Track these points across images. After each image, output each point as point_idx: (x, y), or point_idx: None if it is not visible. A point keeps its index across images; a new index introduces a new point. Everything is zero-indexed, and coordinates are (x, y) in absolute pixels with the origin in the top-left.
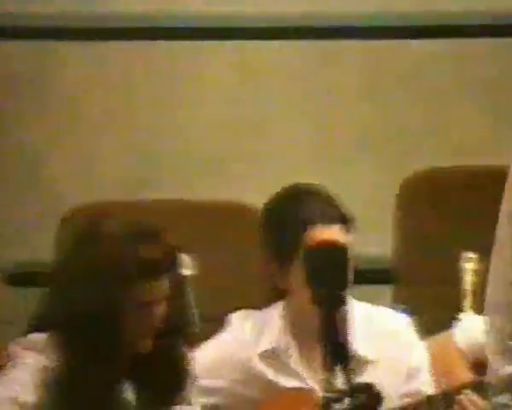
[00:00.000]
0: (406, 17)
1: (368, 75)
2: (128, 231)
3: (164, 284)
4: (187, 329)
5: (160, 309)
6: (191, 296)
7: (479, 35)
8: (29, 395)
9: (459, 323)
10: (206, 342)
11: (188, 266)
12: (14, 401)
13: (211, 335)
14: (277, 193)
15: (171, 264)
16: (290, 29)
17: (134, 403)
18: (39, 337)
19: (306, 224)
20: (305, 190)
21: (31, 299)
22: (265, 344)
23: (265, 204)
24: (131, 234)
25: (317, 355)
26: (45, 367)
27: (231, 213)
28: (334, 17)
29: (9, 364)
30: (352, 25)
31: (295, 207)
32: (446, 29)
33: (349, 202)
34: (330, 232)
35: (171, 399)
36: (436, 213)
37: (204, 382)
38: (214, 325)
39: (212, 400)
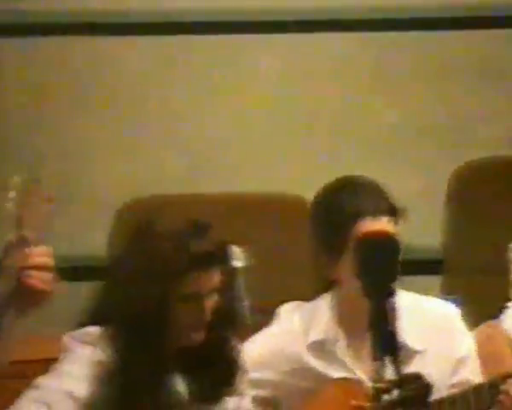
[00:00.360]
0: (471, 8)
1: (422, 64)
2: (179, 227)
3: (215, 277)
4: (238, 321)
5: (211, 302)
6: (242, 289)
7: None
8: (82, 389)
9: (507, 311)
10: (255, 335)
11: (238, 259)
12: (69, 394)
13: (261, 327)
14: (327, 185)
15: (222, 257)
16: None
17: (185, 396)
18: (93, 331)
19: (356, 216)
20: (355, 182)
21: (84, 293)
22: (314, 336)
23: (316, 196)
24: (182, 229)
25: (366, 346)
26: (99, 361)
27: (281, 205)
28: (388, 8)
29: (63, 357)
30: (405, 16)
31: (345, 199)
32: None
33: (399, 192)
34: (380, 224)
35: (223, 391)
36: (486, 204)
37: (254, 374)
38: (265, 317)
39: (261, 392)
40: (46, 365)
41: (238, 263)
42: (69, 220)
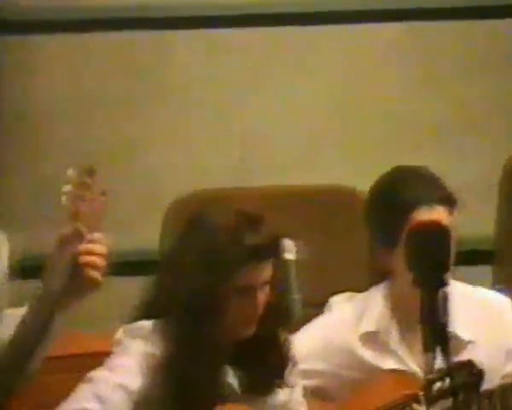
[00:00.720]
0: None
1: (474, 54)
2: (232, 219)
3: (267, 270)
4: (289, 314)
5: (263, 295)
6: (294, 281)
7: None
8: (136, 382)
9: None
10: (307, 326)
11: (291, 251)
12: (122, 387)
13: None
14: (384, 175)
15: (275, 249)
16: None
17: (237, 388)
18: (146, 325)
19: (412, 206)
20: (412, 172)
21: (138, 288)
22: (366, 326)
23: (372, 187)
24: (236, 222)
25: (419, 338)
26: (152, 354)
27: (334, 197)
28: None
29: (117, 351)
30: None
31: (402, 189)
32: None
33: (451, 182)
34: (434, 214)
35: (273, 383)
36: None
37: (305, 365)
38: (317, 310)
39: (312, 382)
40: (99, 358)
41: (290, 256)
42: (122, 214)
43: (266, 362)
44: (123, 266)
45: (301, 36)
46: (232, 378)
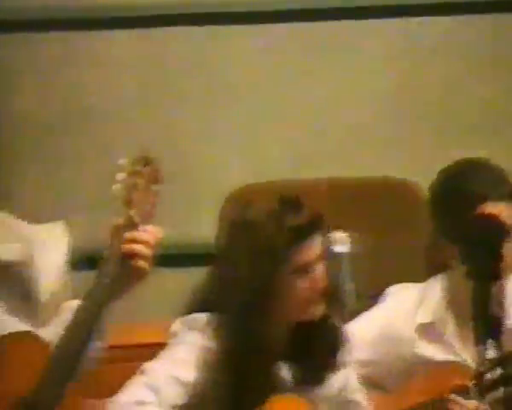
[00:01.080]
0: None
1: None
2: (272, 206)
3: (316, 246)
4: (342, 305)
5: (321, 269)
6: (347, 273)
7: None
8: (190, 375)
9: None
10: (362, 315)
11: (344, 244)
12: (176, 379)
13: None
14: (447, 167)
15: (317, 225)
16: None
17: (290, 379)
18: (201, 317)
19: (480, 198)
20: (481, 165)
21: (192, 280)
22: (423, 317)
23: (435, 179)
24: (276, 207)
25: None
26: (207, 347)
27: (386, 189)
28: None
29: (172, 343)
30: None
31: (470, 181)
32: None
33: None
34: (500, 209)
35: (327, 373)
36: None
37: (360, 354)
38: (372, 301)
39: (366, 372)
40: (154, 349)
41: (343, 248)
42: (177, 206)
43: (319, 352)
44: (177, 258)
45: (346, 30)
46: (285, 371)
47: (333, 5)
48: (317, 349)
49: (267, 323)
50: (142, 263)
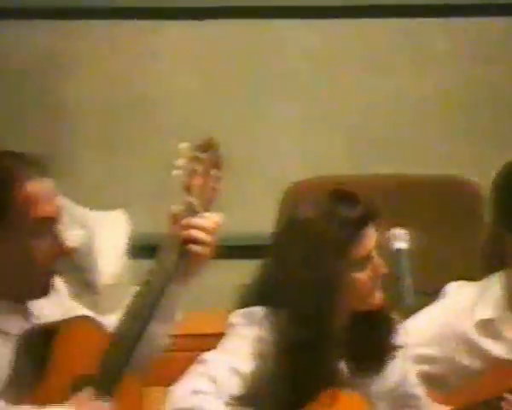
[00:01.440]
0: None
1: None
2: (326, 200)
3: (372, 235)
4: (400, 301)
5: (378, 259)
6: (406, 270)
7: None
8: (248, 366)
9: None
10: (422, 311)
11: (403, 240)
12: (234, 370)
13: None
14: (507, 165)
15: (372, 216)
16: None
17: (347, 372)
18: (259, 310)
19: None
20: None
21: (251, 272)
22: (482, 314)
23: (501, 172)
24: (329, 201)
25: None
26: (264, 339)
27: (445, 186)
28: None
29: (229, 334)
30: None
31: None
32: None
33: None
34: None
35: (383, 368)
36: None
37: (420, 350)
38: (431, 297)
39: (426, 368)
40: (213, 339)
41: (403, 245)
42: (239, 197)
43: (376, 346)
44: (236, 249)
45: (424, 25)
46: (342, 364)
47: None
48: (372, 340)
49: (327, 316)
50: (201, 249)
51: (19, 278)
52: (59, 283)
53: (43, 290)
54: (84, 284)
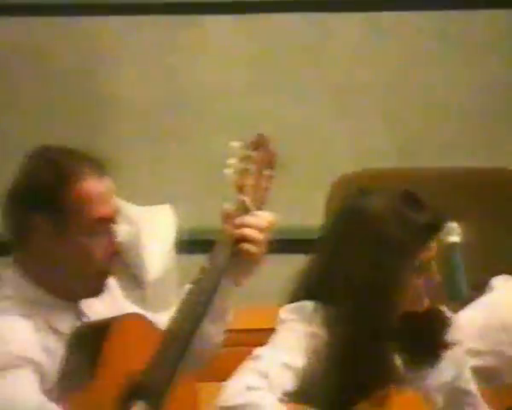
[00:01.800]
0: None
1: None
2: (396, 202)
3: (435, 241)
4: (453, 294)
5: (435, 267)
6: (459, 263)
7: None
8: (300, 361)
9: None
10: (472, 305)
11: (456, 234)
12: (286, 366)
13: None
14: None
15: (441, 226)
16: None
17: (401, 367)
18: (309, 305)
19: None
20: None
21: (298, 265)
22: None
23: None
24: (400, 204)
25: None
26: (315, 334)
27: (498, 179)
28: None
29: (281, 329)
30: None
31: None
32: None
33: None
34: None
35: (437, 362)
36: None
37: (473, 344)
38: (479, 292)
39: (481, 362)
40: (265, 334)
41: (455, 238)
42: (286, 192)
43: (429, 341)
44: (287, 243)
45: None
46: (397, 360)
47: None
48: (425, 335)
49: (384, 314)
50: (253, 248)
51: (73, 277)
52: (112, 282)
53: (98, 290)
54: (132, 280)
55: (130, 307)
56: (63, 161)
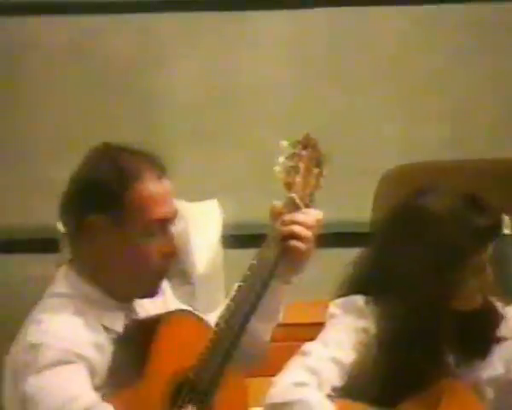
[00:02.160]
0: None
1: None
2: (455, 202)
3: (491, 247)
4: (506, 288)
5: (489, 269)
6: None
7: None
8: (349, 356)
9: None
10: None
11: (507, 226)
12: (335, 361)
13: None
14: None
15: (500, 228)
16: None
17: (452, 362)
18: (359, 299)
19: None
20: None
21: (350, 260)
22: None
23: None
24: (460, 205)
25: None
26: (365, 329)
27: None
28: None
29: (330, 324)
30: None
31: None
32: None
33: None
34: None
35: (488, 357)
36: None
37: None
38: None
39: None
40: (314, 329)
41: (507, 231)
42: (334, 187)
43: (481, 335)
44: (335, 237)
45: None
46: (448, 355)
47: None
48: (479, 333)
49: (436, 314)
50: (301, 245)
51: (130, 278)
52: (165, 284)
53: (153, 291)
54: (180, 275)
55: (176, 303)
56: (124, 160)
